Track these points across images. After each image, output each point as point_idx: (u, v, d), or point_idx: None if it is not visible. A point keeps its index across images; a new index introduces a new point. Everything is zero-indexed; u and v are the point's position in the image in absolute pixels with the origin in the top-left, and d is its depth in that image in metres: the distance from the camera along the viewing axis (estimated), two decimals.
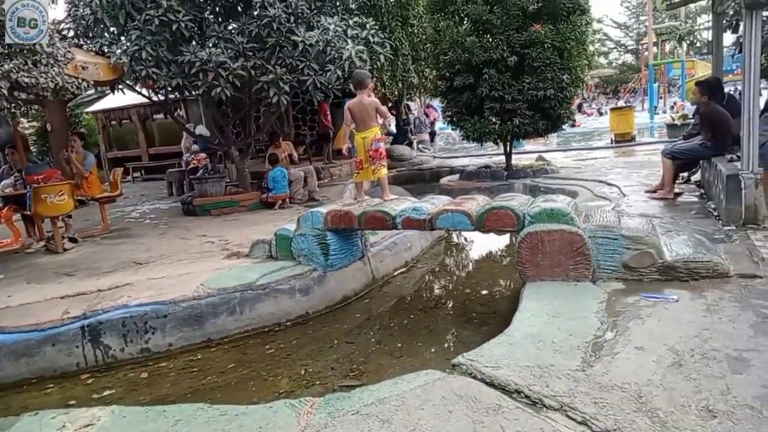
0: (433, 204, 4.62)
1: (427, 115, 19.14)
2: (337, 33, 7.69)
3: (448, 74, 8.53)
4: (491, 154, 13.85)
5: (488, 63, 8.13)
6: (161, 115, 15.79)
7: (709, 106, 5.82)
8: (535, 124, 8.51)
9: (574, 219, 3.89)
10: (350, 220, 4.82)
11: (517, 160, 11.99)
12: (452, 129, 9.84)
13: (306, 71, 7.57)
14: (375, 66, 8.35)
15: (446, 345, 4.01)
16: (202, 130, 11.25)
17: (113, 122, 16.96)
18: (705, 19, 35.30)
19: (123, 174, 17.12)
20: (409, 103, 19.85)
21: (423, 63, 11.45)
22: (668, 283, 3.58)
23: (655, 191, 6.40)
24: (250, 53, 7.48)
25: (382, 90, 14.77)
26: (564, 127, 9.23)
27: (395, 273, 5.80)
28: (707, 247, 3.96)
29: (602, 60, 44.24)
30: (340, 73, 7.53)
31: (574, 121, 22.56)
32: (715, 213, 5.22)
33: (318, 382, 3.58)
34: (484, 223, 4.21)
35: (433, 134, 18.72)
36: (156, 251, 6.37)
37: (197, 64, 7.19)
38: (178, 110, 15.20)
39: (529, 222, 4.01)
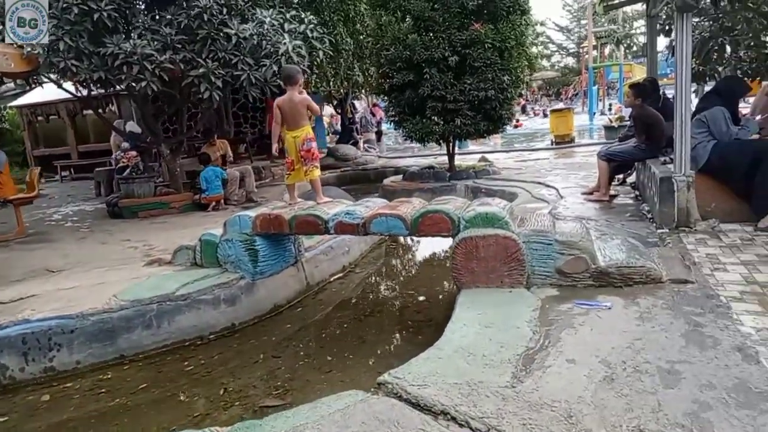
0: (367, 207, 4.41)
1: (373, 114, 18.96)
2: (274, 26, 7.38)
3: (389, 72, 8.35)
4: (436, 155, 13.81)
5: (430, 62, 8.00)
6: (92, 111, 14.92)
7: (643, 109, 5.88)
8: (476, 124, 8.45)
9: (509, 223, 3.76)
10: (280, 225, 4.55)
11: (461, 160, 11.99)
12: (395, 129, 9.66)
13: (240, 66, 7.21)
14: (314, 62, 8.08)
15: (378, 357, 3.81)
16: (132, 126, 10.63)
17: (40, 118, 15.91)
18: (641, 23, 36.76)
19: (46, 173, 16.14)
20: (355, 102, 19.63)
21: (368, 61, 11.25)
22: (602, 289, 3.50)
23: (591, 193, 6.42)
24: (180, 46, 7.05)
25: (326, 87, 14.51)
26: (507, 127, 9.23)
27: (332, 279, 5.56)
28: (641, 252, 3.92)
29: (545, 62, 45.37)
30: (276, 68, 7.21)
31: (518, 122, 22.99)
32: (650, 216, 5.25)
33: (238, 403, 3.31)
34: (419, 227, 4.03)
35: (379, 134, 18.54)
36: (73, 258, 5.90)
37: (121, 56, 6.72)
38: (110, 105, 14.43)
39: (464, 227, 3.86)
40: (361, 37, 10.65)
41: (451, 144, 9.26)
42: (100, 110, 12.92)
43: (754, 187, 4.49)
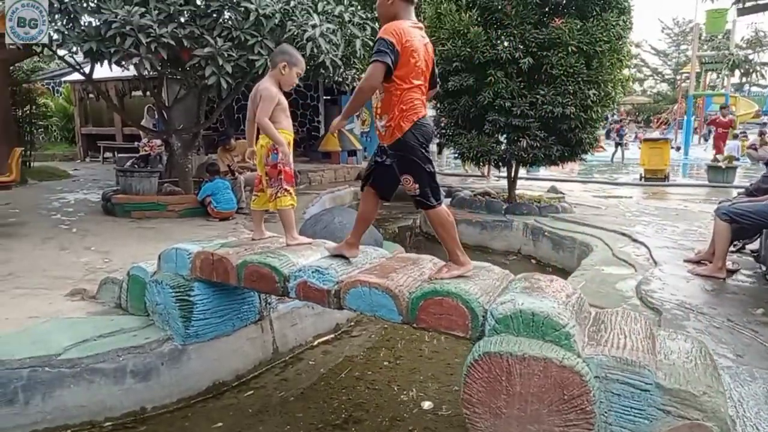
0: (348, 265, 2.85)
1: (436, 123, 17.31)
2: (303, 4, 5.96)
3: (443, 72, 6.76)
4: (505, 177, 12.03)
5: (495, 63, 6.33)
6: (140, 92, 14.21)
7: None
8: (547, 148, 6.69)
9: (572, 340, 2.10)
10: (225, 272, 3.08)
11: (527, 188, 10.18)
12: (445, 145, 8.04)
13: (257, 49, 5.85)
14: (350, 52, 6.61)
15: None
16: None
17: (90, 95, 15.38)
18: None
19: (91, 152, 15.65)
20: None
21: None
22: None
23: (698, 262, 4.57)
24: (186, 19, 5.78)
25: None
26: (588, 156, 7.38)
27: (316, 342, 4.04)
28: None
29: (637, 87, 42.11)
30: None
31: (599, 145, 20.55)
32: None
33: None
34: (418, 314, 2.44)
35: (441, 145, 16.86)
36: (13, 265, 4.73)
37: (114, 25, 5.52)
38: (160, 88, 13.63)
39: (492, 329, 2.23)
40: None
41: (513, 169, 7.52)
42: (147, 92, 12.12)
43: None
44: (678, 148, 19.15)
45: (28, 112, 11.29)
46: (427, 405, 3.21)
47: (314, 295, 2.75)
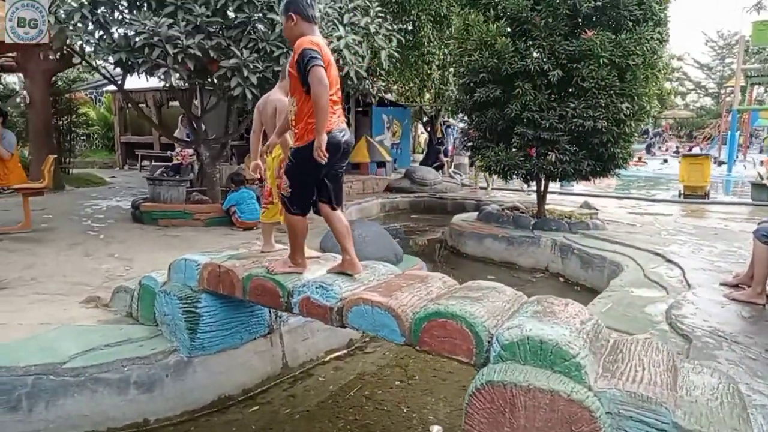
0: (354, 281, 2.75)
1: None
2: (329, 15, 5.95)
3: (470, 84, 6.62)
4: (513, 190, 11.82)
5: (523, 75, 6.16)
6: (177, 103, 14.54)
7: None
8: (578, 163, 6.46)
9: (582, 372, 1.94)
10: (231, 285, 3.02)
11: (558, 203, 9.91)
12: (472, 158, 7.87)
13: (282, 60, 5.85)
14: (376, 64, 6.56)
15: None
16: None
17: (130, 105, 15.82)
18: None
19: (129, 161, 16.06)
20: (452, 120, 17.96)
21: (451, 70, 9.54)
22: None
23: (736, 286, 4.29)
24: (213, 30, 5.84)
25: (415, 100, 12.99)
26: (621, 170, 7.08)
27: (328, 358, 3.95)
28: None
29: (679, 101, 40.91)
30: None
31: (639, 159, 19.97)
32: None
33: None
34: (421, 336, 2.32)
35: (472, 158, 16.66)
36: (34, 271, 4.82)
37: (143, 36, 5.62)
38: (194, 99, 13.91)
39: (498, 356, 2.09)
40: (451, 41, 9.00)
41: (543, 184, 7.30)
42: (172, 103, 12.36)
43: None
44: (721, 164, 18.44)
45: (68, 120, 11.64)
46: (436, 430, 3.07)
47: (317, 311, 2.66)
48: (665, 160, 17.45)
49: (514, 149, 6.73)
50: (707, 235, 6.68)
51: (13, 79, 16.38)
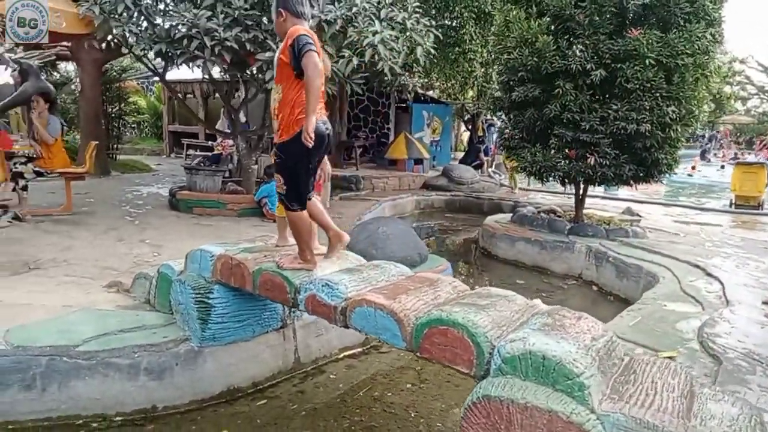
0: (362, 281, 2.69)
1: None
2: (365, 10, 5.89)
3: (509, 81, 6.42)
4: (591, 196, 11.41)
5: (564, 74, 5.94)
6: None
7: None
8: (618, 167, 6.19)
9: (585, 392, 1.82)
10: (242, 278, 3.01)
11: (601, 207, 9.58)
12: (508, 157, 7.68)
13: None
14: (412, 60, 6.46)
15: None
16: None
17: (179, 95, 16.26)
18: None
19: (176, 149, 16.47)
20: (496, 120, 17.62)
21: (492, 68, 9.33)
22: None
23: None
24: (251, 23, 5.87)
25: (458, 98, 12.78)
26: (666, 176, 6.73)
27: (341, 355, 3.91)
28: None
29: (739, 105, 38.94)
30: (356, 61, 5.73)
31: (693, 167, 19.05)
32: None
33: None
34: (422, 343, 2.24)
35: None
36: (69, 253, 4.98)
37: (182, 28, 5.71)
38: (235, 91, 14.14)
39: (498, 369, 1.99)
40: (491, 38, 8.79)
41: (582, 188, 7.02)
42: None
43: None
44: None
45: (117, 108, 12.02)
46: None
47: (322, 310, 2.62)
48: (722, 167, 16.58)
49: (552, 150, 6.52)
50: (756, 249, 6.29)
51: (71, 67, 17.05)
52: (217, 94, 15.24)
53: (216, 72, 7.33)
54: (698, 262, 5.36)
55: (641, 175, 6.47)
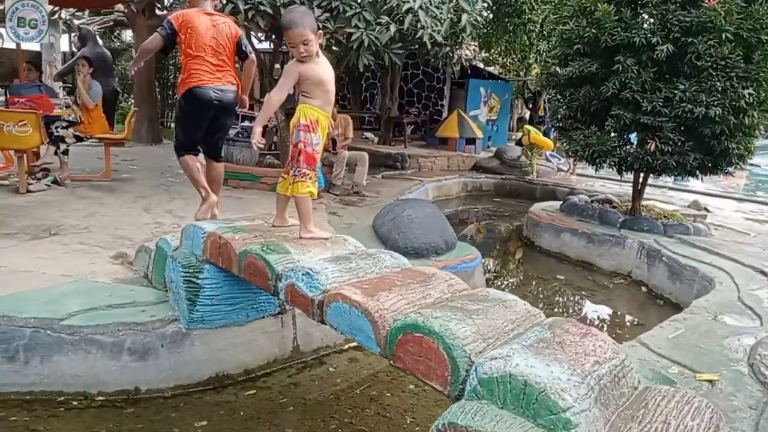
0: (348, 271, 2.40)
1: None
2: None
3: (563, 55, 5.86)
4: (650, 185, 10.58)
5: (626, 48, 5.32)
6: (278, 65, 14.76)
7: None
8: (683, 155, 5.53)
9: (572, 430, 1.46)
10: (229, 259, 2.79)
11: (667, 198, 8.83)
12: (559, 139, 7.10)
13: (354, 21, 5.51)
14: (459, 29, 5.99)
15: None
16: None
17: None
18: None
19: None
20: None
21: (546, 42, 8.64)
22: None
23: None
24: None
25: (519, 74, 12.08)
26: (735, 168, 5.96)
27: (346, 346, 3.65)
28: None
29: None
30: (393, 29, 5.36)
31: None
32: None
33: None
34: (395, 350, 1.93)
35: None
36: (92, 220, 4.98)
37: None
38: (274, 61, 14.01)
39: (472, 391, 1.66)
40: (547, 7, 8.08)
41: (642, 176, 6.37)
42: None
43: None
44: None
45: (171, 76, 12.16)
46: None
47: (300, 301, 2.35)
48: None
49: (611, 133, 5.92)
50: None
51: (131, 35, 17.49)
52: (276, 66, 15.29)
53: (258, 43, 7.15)
54: (765, 267, 4.71)
55: (708, 165, 5.78)
